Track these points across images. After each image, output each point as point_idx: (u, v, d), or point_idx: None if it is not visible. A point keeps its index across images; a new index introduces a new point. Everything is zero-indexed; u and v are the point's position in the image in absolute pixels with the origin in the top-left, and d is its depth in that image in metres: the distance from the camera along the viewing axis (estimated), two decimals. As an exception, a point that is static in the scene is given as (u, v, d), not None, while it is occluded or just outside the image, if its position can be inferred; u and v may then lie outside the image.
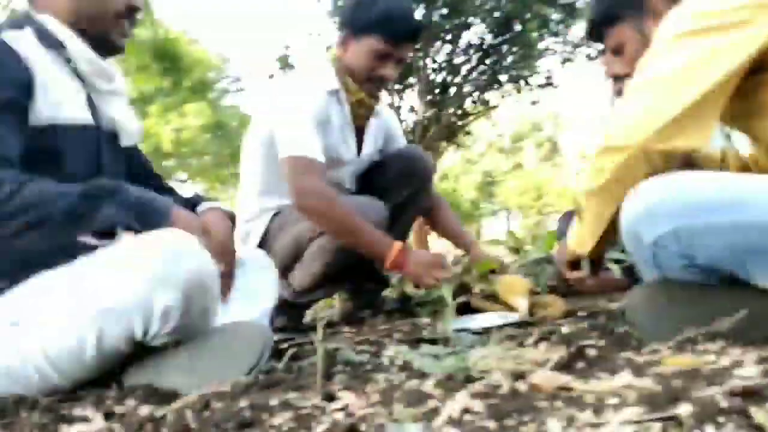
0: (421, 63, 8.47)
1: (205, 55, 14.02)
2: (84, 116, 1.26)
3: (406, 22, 2.01)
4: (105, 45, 1.33)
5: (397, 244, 1.83)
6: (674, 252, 1.05)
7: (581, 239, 1.37)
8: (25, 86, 1.17)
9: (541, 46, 8.66)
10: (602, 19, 1.51)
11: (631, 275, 1.66)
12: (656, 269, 1.11)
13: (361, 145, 2.20)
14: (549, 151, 31.12)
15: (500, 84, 9.43)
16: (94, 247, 1.10)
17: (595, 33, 1.56)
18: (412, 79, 8.81)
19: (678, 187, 1.06)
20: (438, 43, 8.77)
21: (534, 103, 10.25)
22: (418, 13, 8.22)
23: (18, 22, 1.28)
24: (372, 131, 2.23)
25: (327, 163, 1.94)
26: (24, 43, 1.20)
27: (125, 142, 1.38)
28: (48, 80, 1.20)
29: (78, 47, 1.29)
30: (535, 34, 7.93)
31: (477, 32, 8.64)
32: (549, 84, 9.46)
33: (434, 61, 9.08)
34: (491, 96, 9.85)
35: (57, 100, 1.20)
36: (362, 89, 2.07)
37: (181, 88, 10.34)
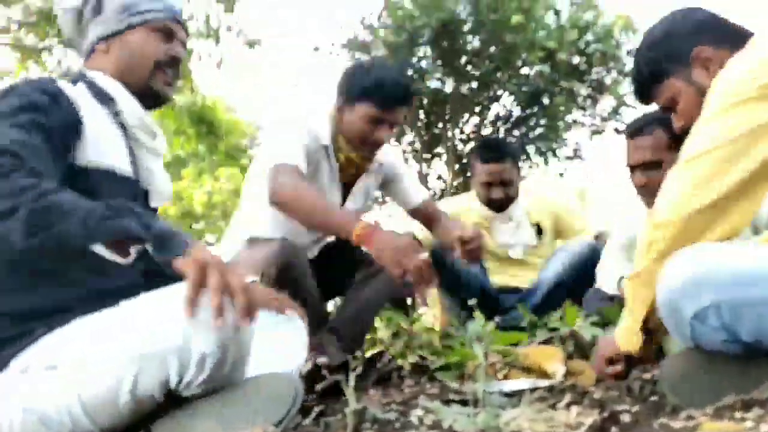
0: (449, 133, 8.61)
1: (240, 122, 14.47)
2: (125, 167, 1.33)
3: (398, 88, 2.10)
4: (150, 95, 1.41)
5: (365, 220, 1.79)
6: (715, 326, 1.02)
7: (629, 336, 1.30)
8: (72, 125, 1.23)
9: (568, 118, 8.77)
10: (649, 77, 1.47)
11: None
12: (694, 342, 1.08)
13: (345, 201, 2.27)
14: (576, 224, 30.87)
15: (528, 155, 9.51)
16: (109, 266, 1.11)
17: (645, 92, 1.51)
18: (440, 149, 8.94)
19: (718, 259, 1.03)
20: (466, 115, 8.93)
21: (561, 174, 10.29)
22: (448, 86, 8.44)
23: (72, 78, 1.37)
24: (359, 190, 2.29)
25: None
26: (76, 93, 1.29)
27: (155, 202, 1.43)
28: (96, 128, 1.27)
29: (127, 101, 1.37)
30: (562, 108, 8.04)
31: (505, 104, 8.79)
32: (577, 156, 9.52)
33: (462, 132, 9.22)
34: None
35: (102, 147, 1.27)
36: (357, 152, 2.16)
37: (215, 153, 10.64)
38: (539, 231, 3.24)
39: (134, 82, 1.41)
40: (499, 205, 3.10)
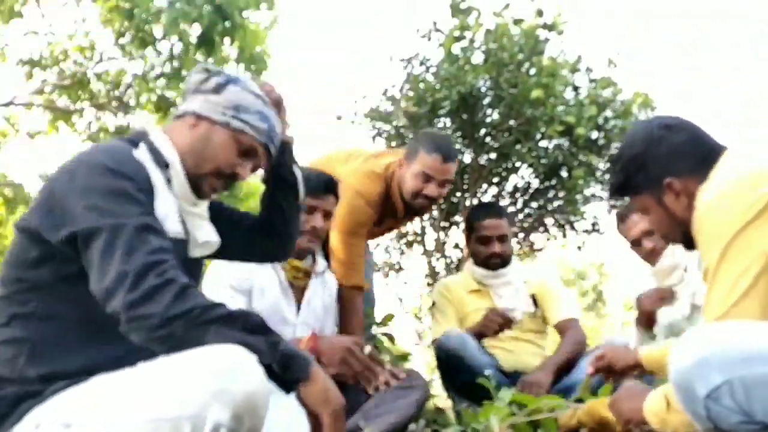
0: (467, 203, 8.65)
1: (259, 187, 14.78)
2: (179, 230, 1.40)
3: (323, 176, 2.25)
4: (194, 187, 1.48)
5: (306, 335, 1.94)
6: (730, 406, 1.00)
7: (658, 414, 1.32)
8: (150, 191, 1.33)
9: (587, 192, 8.79)
10: (624, 186, 1.63)
11: None
12: (712, 423, 1.05)
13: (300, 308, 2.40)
14: (593, 300, 30.48)
15: (545, 227, 9.50)
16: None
17: (619, 195, 1.67)
18: (457, 217, 8.97)
19: (729, 337, 1.03)
20: (484, 185, 8.99)
21: (579, 248, 10.22)
22: (467, 157, 8.53)
23: (134, 139, 1.44)
24: (311, 292, 2.38)
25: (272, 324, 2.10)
26: (141, 156, 1.37)
27: (194, 252, 1.50)
28: (158, 193, 1.34)
29: (178, 169, 1.43)
30: (581, 181, 8.08)
31: (524, 176, 8.86)
32: (595, 230, 9.49)
33: (480, 202, 9.27)
34: (536, 238, 9.89)
35: (164, 212, 1.33)
36: (298, 245, 2.26)
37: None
38: (534, 303, 3.31)
39: (190, 169, 1.47)
40: (495, 263, 3.19)
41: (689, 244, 1.54)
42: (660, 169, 1.51)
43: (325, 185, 2.31)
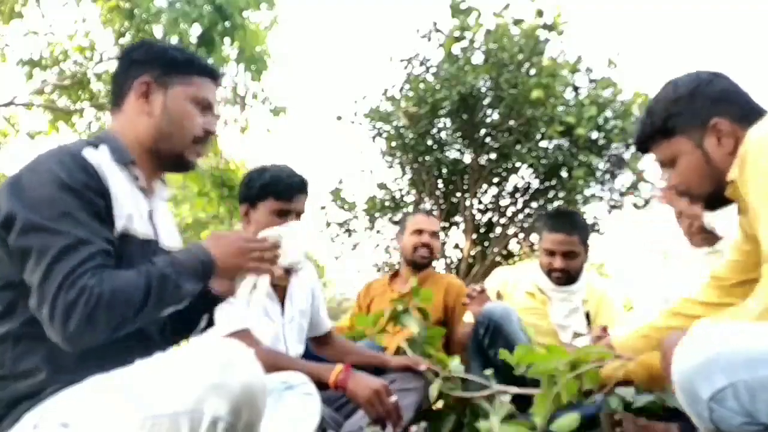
0: (467, 203, 8.66)
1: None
2: (148, 231, 1.38)
3: (294, 179, 2.26)
4: (179, 162, 1.45)
5: (339, 365, 1.99)
6: (733, 408, 0.99)
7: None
8: (106, 196, 1.29)
9: (587, 192, 8.79)
10: (660, 129, 1.48)
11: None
12: (714, 426, 1.04)
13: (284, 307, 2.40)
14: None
15: (546, 228, 9.46)
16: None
17: (648, 142, 1.53)
18: (458, 218, 8.97)
19: (733, 338, 1.02)
20: (485, 185, 8.99)
21: (580, 248, 10.18)
22: (467, 157, 8.54)
23: (96, 140, 1.40)
24: (292, 290, 2.40)
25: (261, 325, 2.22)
26: (100, 158, 1.32)
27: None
28: (120, 194, 1.30)
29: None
30: (581, 181, 8.07)
31: (524, 176, 8.86)
32: (595, 230, 9.48)
33: (480, 202, 9.26)
34: (536, 239, 9.88)
35: (129, 213, 1.31)
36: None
37: (235, 216, 10.77)
38: (588, 320, 3.15)
39: (168, 150, 1.47)
40: (558, 277, 3.02)
41: (713, 202, 1.49)
42: (707, 110, 1.41)
43: (297, 187, 2.31)
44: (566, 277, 2.99)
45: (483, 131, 8.32)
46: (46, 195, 1.20)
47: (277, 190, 2.24)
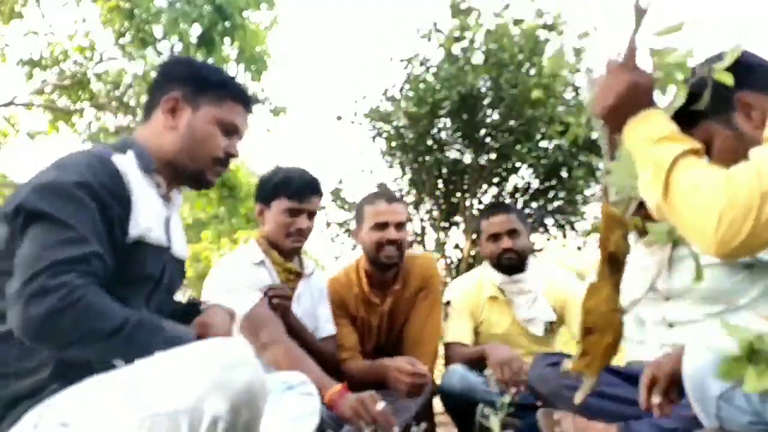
0: (467, 203, 8.66)
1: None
2: (162, 238, 1.42)
3: (306, 179, 2.32)
4: (198, 179, 1.49)
5: (337, 386, 2.02)
6: (741, 407, 1.00)
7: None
8: (126, 203, 1.31)
9: (587, 192, 8.79)
10: (682, 120, 1.38)
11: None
12: (719, 422, 1.05)
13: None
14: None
15: (546, 228, 9.51)
16: None
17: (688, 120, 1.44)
18: (458, 218, 8.97)
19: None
20: (485, 186, 8.99)
21: (579, 248, 10.22)
22: (467, 157, 8.54)
23: (122, 145, 1.44)
24: (300, 291, 2.45)
25: None
26: (127, 165, 1.35)
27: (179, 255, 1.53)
28: (141, 200, 1.34)
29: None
30: (581, 181, 8.08)
31: (524, 176, 8.86)
32: (596, 230, 9.46)
33: (480, 202, 9.27)
34: (536, 239, 9.91)
35: (147, 220, 1.33)
36: (285, 246, 2.36)
37: (235, 216, 10.81)
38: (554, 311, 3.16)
39: (189, 168, 1.56)
40: (510, 258, 3.06)
41: None
42: (725, 87, 1.35)
43: (309, 188, 2.35)
44: (518, 257, 3.06)
45: (483, 131, 8.32)
46: (64, 190, 1.22)
47: (289, 190, 2.31)
